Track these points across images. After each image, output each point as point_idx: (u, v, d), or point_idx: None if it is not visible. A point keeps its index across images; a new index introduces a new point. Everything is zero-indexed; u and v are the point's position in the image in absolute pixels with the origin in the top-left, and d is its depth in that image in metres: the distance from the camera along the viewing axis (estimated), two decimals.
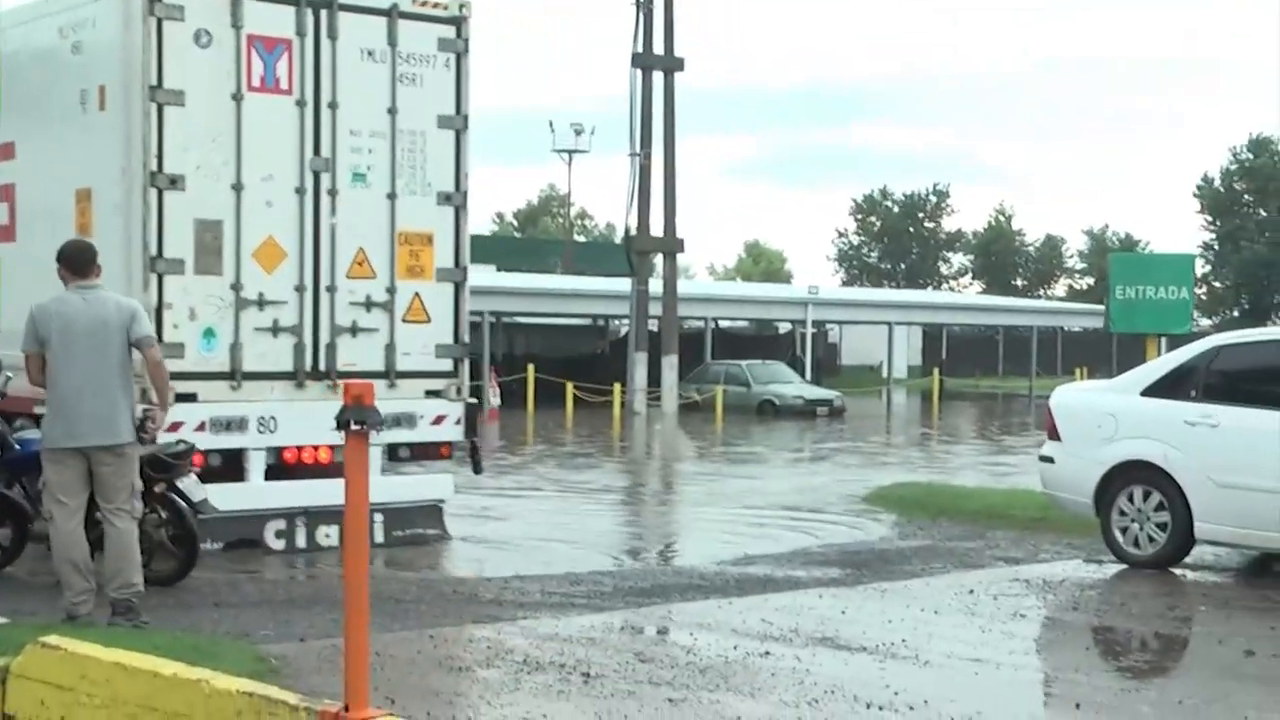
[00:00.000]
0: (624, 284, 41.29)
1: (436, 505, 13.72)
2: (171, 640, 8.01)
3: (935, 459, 25.89)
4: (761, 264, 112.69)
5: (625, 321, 46.25)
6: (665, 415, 38.21)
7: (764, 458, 26.09)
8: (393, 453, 13.32)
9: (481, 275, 51.71)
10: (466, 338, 13.51)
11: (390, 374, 12.88)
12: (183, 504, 10.61)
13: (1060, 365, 61.28)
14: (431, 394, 13.21)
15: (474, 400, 13.57)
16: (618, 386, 39.47)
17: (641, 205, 39.64)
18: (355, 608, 4.28)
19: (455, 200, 13.32)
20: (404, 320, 13.09)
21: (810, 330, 52.35)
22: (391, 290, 13.02)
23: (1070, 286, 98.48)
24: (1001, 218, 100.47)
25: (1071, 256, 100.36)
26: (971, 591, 10.68)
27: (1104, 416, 12.30)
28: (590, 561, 12.63)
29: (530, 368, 41.10)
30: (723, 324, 58.11)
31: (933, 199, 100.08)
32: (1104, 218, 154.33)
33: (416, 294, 13.15)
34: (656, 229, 39.96)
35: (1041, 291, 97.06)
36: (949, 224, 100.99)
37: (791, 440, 30.99)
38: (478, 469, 13.76)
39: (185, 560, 10.68)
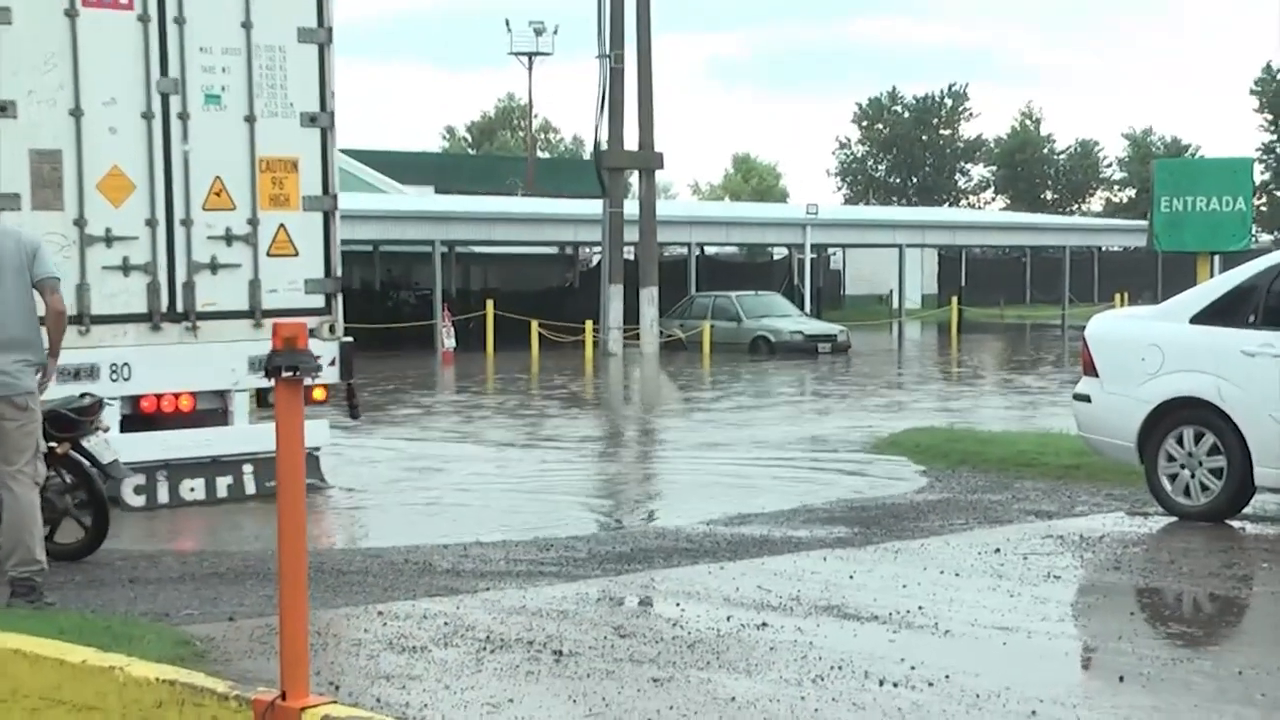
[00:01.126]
0: (595, 206, 41.22)
1: (311, 453, 14.02)
2: (80, 622, 8.02)
3: (954, 400, 25.97)
4: (752, 180, 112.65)
5: (597, 249, 46.25)
6: (644, 355, 38.25)
7: (758, 402, 26.13)
8: (262, 399, 13.93)
9: (424, 199, 51.80)
10: (339, 271, 13.93)
11: (255, 313, 13.24)
12: (90, 467, 10.59)
13: (1097, 291, 61.50)
14: None
15: (349, 339, 13.98)
16: (589, 324, 39.47)
17: (613, 115, 39.51)
18: (292, 581, 4.28)
19: (321, 121, 13.68)
20: (268, 254, 13.52)
21: (809, 256, 52.33)
22: (253, 222, 13.42)
23: (1108, 200, 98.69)
24: (1028, 122, 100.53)
25: (1109, 165, 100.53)
26: (998, 550, 10.72)
27: (1148, 348, 12.31)
28: (561, 523, 12.66)
29: (489, 304, 41.05)
30: (709, 250, 58.20)
31: (948, 102, 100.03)
32: (1146, 119, 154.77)
33: (281, 225, 13.57)
34: (631, 142, 39.86)
35: (1075, 206, 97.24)
36: (967, 130, 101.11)
37: (789, 381, 31.05)
38: (354, 413, 14.37)
39: (95, 531, 10.67)
